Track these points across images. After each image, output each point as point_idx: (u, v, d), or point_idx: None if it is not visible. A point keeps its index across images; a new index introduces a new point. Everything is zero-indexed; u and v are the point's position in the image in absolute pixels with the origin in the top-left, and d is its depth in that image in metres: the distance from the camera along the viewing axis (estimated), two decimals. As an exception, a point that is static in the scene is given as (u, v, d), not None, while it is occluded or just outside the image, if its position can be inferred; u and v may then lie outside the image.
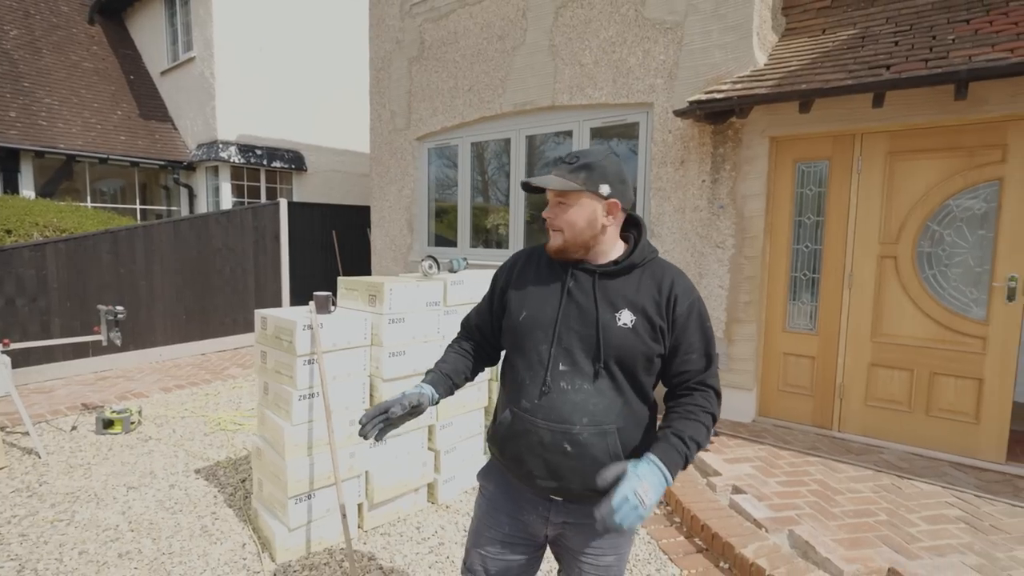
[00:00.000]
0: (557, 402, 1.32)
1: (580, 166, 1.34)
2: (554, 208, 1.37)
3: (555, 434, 1.31)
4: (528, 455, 1.35)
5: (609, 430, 1.31)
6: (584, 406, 1.31)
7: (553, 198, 1.38)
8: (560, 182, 1.33)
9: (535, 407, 1.34)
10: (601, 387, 1.32)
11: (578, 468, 1.31)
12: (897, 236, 3.67)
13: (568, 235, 1.35)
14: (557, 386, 1.33)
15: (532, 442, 1.34)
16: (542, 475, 1.34)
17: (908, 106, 3.46)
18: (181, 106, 10.14)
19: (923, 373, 3.64)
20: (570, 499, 1.38)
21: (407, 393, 1.41)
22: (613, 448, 1.31)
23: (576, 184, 1.32)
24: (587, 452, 1.30)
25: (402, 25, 6.44)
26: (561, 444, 1.31)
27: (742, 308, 4.20)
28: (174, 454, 3.86)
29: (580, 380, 1.32)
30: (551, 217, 1.37)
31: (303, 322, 2.52)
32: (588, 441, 1.30)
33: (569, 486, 1.33)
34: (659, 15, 4.45)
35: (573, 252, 1.37)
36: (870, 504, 2.95)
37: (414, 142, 6.49)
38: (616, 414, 1.32)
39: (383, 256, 7.04)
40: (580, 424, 1.31)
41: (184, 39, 9.89)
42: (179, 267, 6.78)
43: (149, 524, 2.92)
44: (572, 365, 1.33)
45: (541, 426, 1.33)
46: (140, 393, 5.26)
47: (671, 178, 4.49)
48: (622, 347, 1.31)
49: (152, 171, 10.00)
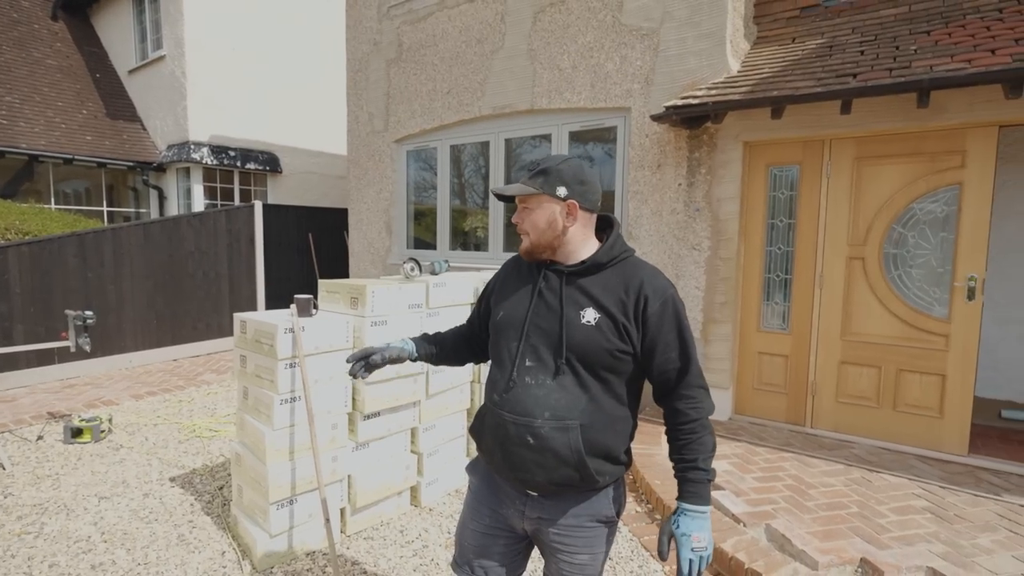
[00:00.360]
0: (521, 396, 1.38)
1: (538, 172, 1.42)
2: (520, 213, 1.45)
3: (519, 427, 1.37)
4: (498, 447, 1.42)
5: (571, 425, 1.34)
6: (546, 400, 1.36)
7: (519, 204, 1.46)
8: (519, 188, 1.42)
9: (503, 400, 1.41)
10: (564, 383, 1.36)
11: (540, 461, 1.35)
12: (865, 238, 3.81)
13: (533, 237, 1.43)
14: (522, 380, 1.39)
15: (501, 435, 1.40)
16: (508, 467, 1.40)
17: (874, 113, 3.60)
18: (150, 106, 9.88)
19: (890, 370, 3.78)
20: (543, 494, 1.41)
21: (391, 345, 1.67)
22: (575, 444, 1.33)
23: (534, 188, 1.40)
24: (548, 445, 1.34)
25: (380, 27, 6.41)
26: (524, 436, 1.36)
27: (718, 309, 4.30)
28: (147, 462, 3.77)
29: (543, 375, 1.37)
30: (518, 222, 1.46)
31: (284, 325, 2.50)
32: (549, 435, 1.34)
33: (533, 478, 1.37)
34: (636, 21, 4.53)
35: (540, 253, 1.45)
36: (842, 497, 3.06)
37: (392, 144, 6.46)
38: (580, 411, 1.35)
39: (361, 259, 6.98)
40: (542, 418, 1.35)
41: (153, 37, 9.64)
42: (150, 271, 6.60)
43: (123, 534, 2.84)
44: (537, 361, 1.39)
45: (507, 419, 1.39)
46: (110, 401, 5.10)
47: (648, 181, 4.57)
48: (584, 344, 1.35)
49: (120, 172, 9.72)
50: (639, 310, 1.36)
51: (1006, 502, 2.99)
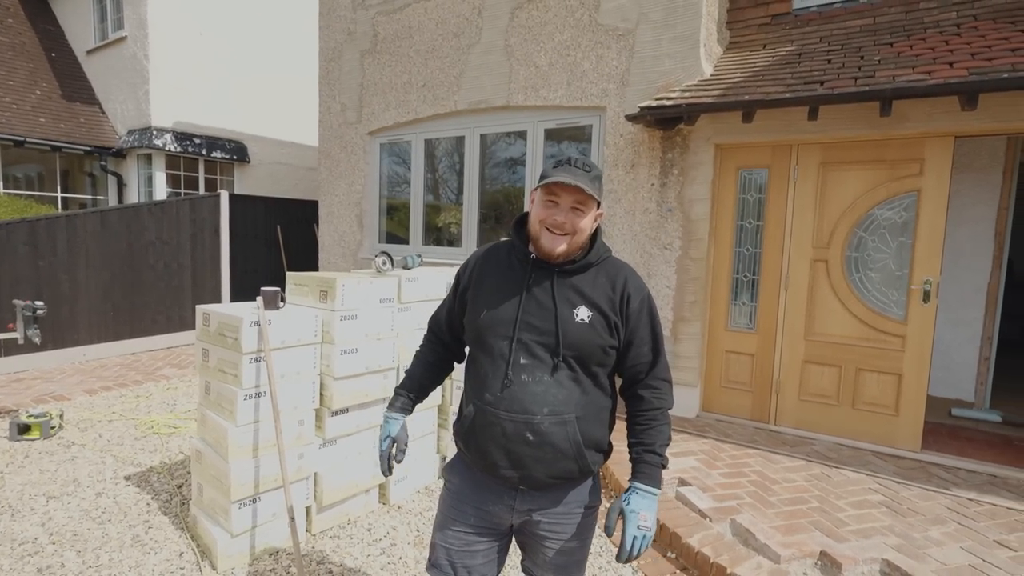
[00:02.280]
0: (519, 394, 1.37)
1: (596, 176, 1.38)
2: (569, 213, 1.36)
3: (517, 424, 1.36)
4: (492, 447, 1.39)
5: (568, 419, 1.37)
6: (544, 397, 1.36)
7: (570, 203, 1.36)
8: (593, 189, 1.34)
9: (498, 399, 1.38)
10: (560, 379, 1.37)
11: (540, 456, 1.37)
12: (828, 241, 3.93)
13: (574, 240, 1.38)
14: (518, 379, 1.37)
15: (495, 433, 1.38)
16: (506, 465, 1.39)
17: (839, 120, 3.70)
18: (110, 88, 9.46)
19: (850, 369, 3.91)
20: (534, 488, 1.42)
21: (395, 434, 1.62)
22: (572, 436, 1.37)
23: (597, 193, 1.37)
24: (548, 440, 1.36)
25: (354, 16, 6.28)
26: (523, 434, 1.36)
27: (688, 308, 4.37)
28: (101, 460, 3.61)
29: (540, 372, 1.37)
30: (564, 222, 1.35)
31: (250, 318, 2.42)
32: (549, 430, 1.36)
33: (532, 475, 1.38)
34: (612, 22, 4.56)
35: (570, 256, 1.40)
36: (803, 492, 3.14)
37: (365, 137, 6.35)
38: (575, 404, 1.38)
39: (331, 252, 6.84)
40: (541, 414, 1.36)
41: (114, 17, 9.23)
42: (107, 261, 6.33)
43: (73, 536, 2.71)
44: (532, 359, 1.38)
45: (504, 417, 1.37)
46: (61, 396, 4.87)
47: (622, 181, 4.61)
48: (579, 342, 1.37)
49: (76, 157, 9.28)
50: (623, 305, 1.42)
51: (955, 496, 3.13)
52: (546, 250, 1.38)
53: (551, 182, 1.33)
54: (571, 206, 1.36)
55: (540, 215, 1.39)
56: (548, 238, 1.37)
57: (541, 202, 1.39)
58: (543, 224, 1.38)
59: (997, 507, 3.01)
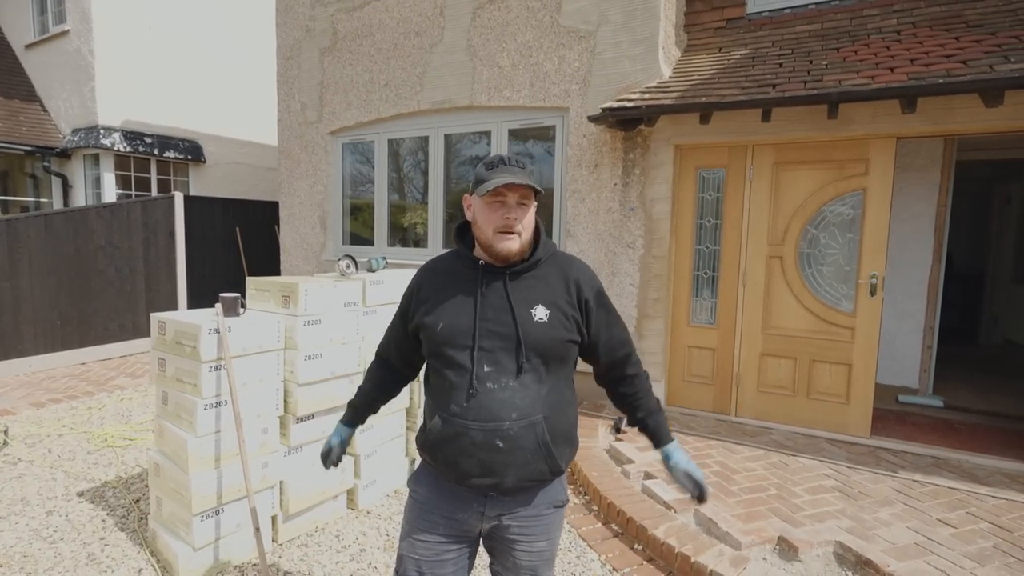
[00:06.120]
0: (486, 402, 1.36)
1: (531, 170, 1.40)
2: (517, 211, 1.36)
3: (486, 432, 1.35)
4: (461, 457, 1.37)
5: (536, 420, 1.38)
6: (512, 401, 1.36)
7: (516, 201, 1.36)
8: (533, 182, 1.36)
9: (464, 410, 1.37)
10: (525, 381, 1.38)
11: (511, 462, 1.36)
12: (783, 238, 4.08)
13: (524, 237, 1.39)
14: (484, 387, 1.36)
15: (464, 444, 1.36)
16: (477, 474, 1.37)
17: (791, 122, 3.85)
18: (52, 85, 8.99)
19: (804, 361, 4.08)
20: (505, 493, 1.42)
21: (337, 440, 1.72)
22: (541, 436, 1.38)
23: (537, 186, 1.38)
24: (518, 444, 1.36)
25: (312, 13, 6.16)
26: (493, 441, 1.35)
27: (651, 304, 4.47)
28: (51, 476, 3.45)
29: (505, 378, 1.37)
30: (515, 219, 1.36)
31: (209, 326, 2.35)
32: (518, 434, 1.36)
33: (503, 481, 1.37)
34: (573, 23, 4.61)
35: (522, 255, 1.41)
36: (762, 480, 3.27)
37: (327, 136, 6.24)
38: (541, 404, 1.39)
39: (293, 255, 6.69)
40: (510, 419, 1.36)
41: (55, 9, 8.77)
42: (52, 267, 6.02)
43: (22, 557, 2.58)
44: (496, 365, 1.37)
45: (472, 427, 1.36)
46: (5, 410, 4.62)
47: (586, 180, 4.68)
48: (541, 341, 1.38)
49: (16, 157, 8.79)
50: (580, 300, 1.45)
51: (902, 478, 3.31)
52: (501, 252, 1.37)
53: (499, 186, 1.33)
54: (517, 203, 1.37)
55: (491, 220, 1.37)
56: (500, 240, 1.37)
57: (487, 206, 1.37)
58: (495, 228, 1.37)
59: (940, 487, 3.20)
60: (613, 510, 2.99)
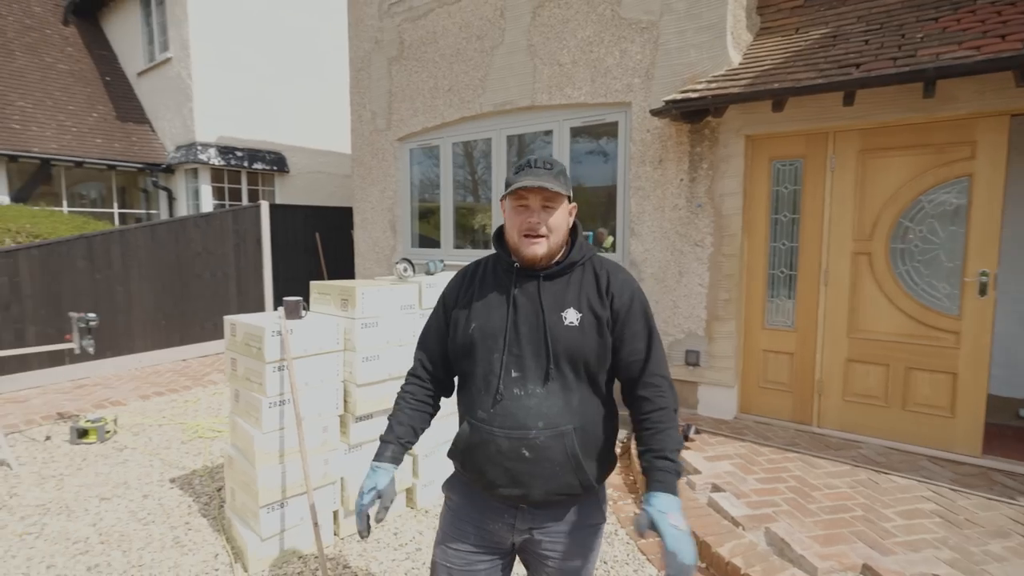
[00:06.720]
0: (511, 409, 1.32)
1: (559, 171, 1.37)
2: (540, 214, 1.34)
3: (512, 441, 1.31)
4: (488, 465, 1.34)
5: (566, 431, 1.32)
6: (539, 410, 1.31)
7: (540, 204, 1.34)
8: (558, 185, 1.32)
9: (491, 416, 1.34)
10: (553, 389, 1.33)
11: (538, 472, 1.31)
12: (871, 233, 3.70)
13: (553, 240, 1.36)
14: (510, 393, 1.33)
15: (491, 451, 1.34)
16: (504, 483, 1.34)
17: (878, 104, 3.48)
18: (158, 107, 9.99)
19: (899, 368, 3.67)
20: (535, 505, 1.37)
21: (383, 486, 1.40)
22: (570, 448, 1.32)
23: (564, 188, 1.34)
24: (545, 455, 1.31)
25: (381, 25, 6.39)
26: (519, 450, 1.31)
27: (722, 306, 4.21)
28: (149, 463, 3.80)
29: (532, 385, 1.33)
30: (538, 223, 1.33)
31: (272, 328, 2.48)
32: (545, 444, 1.31)
33: (531, 492, 1.33)
34: (635, 15, 4.45)
35: (551, 258, 1.38)
36: (846, 500, 2.97)
37: (395, 143, 6.45)
38: (572, 414, 1.33)
39: (366, 258, 6.98)
40: (536, 428, 1.31)
41: (160, 39, 9.74)
42: (157, 272, 6.67)
43: (120, 536, 2.86)
44: (523, 371, 1.34)
45: (498, 434, 1.32)
46: (118, 401, 5.17)
47: (650, 177, 4.50)
48: (570, 347, 1.33)
49: (130, 174, 9.85)
50: (611, 301, 1.38)
51: (1021, 506, 2.89)
52: (527, 256, 1.36)
53: (516, 188, 1.32)
54: (541, 206, 1.34)
55: (515, 223, 1.37)
56: (527, 244, 1.35)
57: (512, 210, 1.38)
58: (520, 232, 1.36)
59: (1067, 518, 2.76)
60: (675, 523, 2.84)
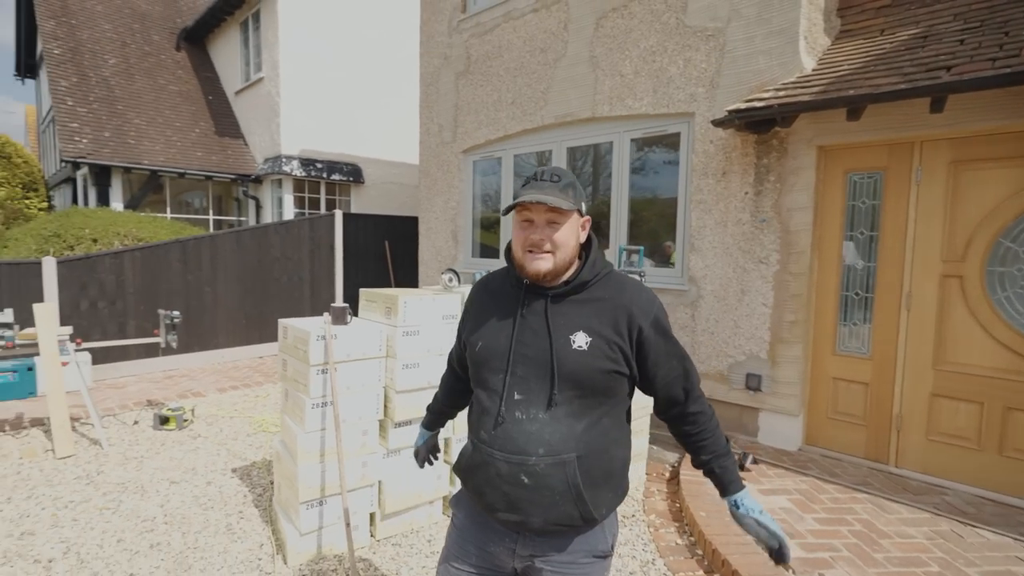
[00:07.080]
0: (512, 432, 1.28)
1: (567, 184, 1.30)
2: (545, 229, 1.28)
3: (512, 465, 1.27)
4: (487, 487, 1.31)
5: (568, 460, 1.25)
6: (540, 435, 1.26)
7: (544, 219, 1.29)
8: (561, 200, 1.26)
9: (492, 438, 1.30)
10: (557, 415, 1.26)
11: (536, 500, 1.26)
12: (963, 254, 3.32)
13: (559, 257, 1.29)
14: (512, 416, 1.28)
15: (490, 474, 1.30)
16: (502, 508, 1.30)
17: (974, 111, 3.13)
18: (251, 123, 10.88)
19: (995, 407, 3.25)
20: (535, 533, 1.32)
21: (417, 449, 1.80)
22: (572, 479, 1.25)
23: (570, 203, 1.28)
24: (544, 483, 1.25)
25: (450, 41, 6.59)
26: (518, 476, 1.26)
27: (787, 328, 3.93)
28: (217, 452, 4.09)
29: (535, 409, 1.27)
30: (541, 239, 1.28)
31: (317, 333, 2.60)
32: (545, 472, 1.25)
33: (529, 520, 1.27)
34: (700, 22, 4.29)
35: (559, 275, 1.31)
36: (921, 552, 2.66)
37: (460, 155, 6.61)
38: (576, 442, 1.27)
39: (429, 266, 7.18)
40: (536, 455, 1.25)
41: (255, 60, 10.63)
42: (240, 275, 7.22)
43: (182, 518, 3.09)
44: (527, 393, 1.28)
45: (498, 457, 1.28)
46: (198, 392, 5.62)
47: (712, 190, 4.30)
48: (578, 371, 1.26)
49: (225, 184, 10.77)
50: (632, 330, 1.29)
51: None
52: (531, 272, 1.30)
53: (518, 203, 1.27)
54: (546, 221, 1.28)
55: (519, 239, 1.32)
56: (530, 260, 1.30)
57: (517, 225, 1.33)
58: (523, 248, 1.30)
59: None
60: (718, 558, 2.66)
